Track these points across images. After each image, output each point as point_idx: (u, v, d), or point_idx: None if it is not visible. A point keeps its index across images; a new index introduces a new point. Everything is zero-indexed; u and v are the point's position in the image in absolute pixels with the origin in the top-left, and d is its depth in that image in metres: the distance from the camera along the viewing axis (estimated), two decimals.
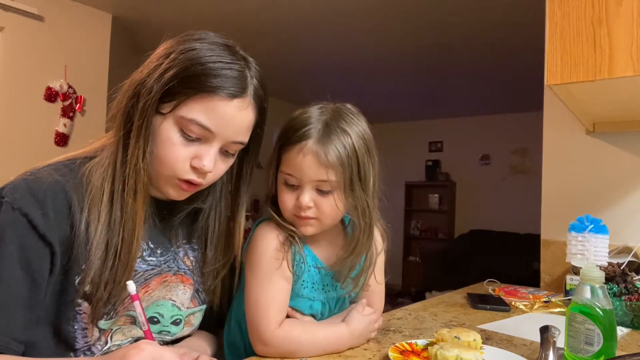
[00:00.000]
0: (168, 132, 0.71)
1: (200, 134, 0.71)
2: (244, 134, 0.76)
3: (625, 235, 1.47)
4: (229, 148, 0.76)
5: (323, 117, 0.81)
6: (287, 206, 0.83)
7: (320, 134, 0.79)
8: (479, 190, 6.12)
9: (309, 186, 0.81)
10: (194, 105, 0.70)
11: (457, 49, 3.77)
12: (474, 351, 0.76)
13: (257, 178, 0.93)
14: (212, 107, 0.70)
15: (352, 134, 0.81)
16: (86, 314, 0.70)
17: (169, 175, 0.73)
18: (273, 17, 3.26)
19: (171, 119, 0.71)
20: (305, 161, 0.79)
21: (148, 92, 0.70)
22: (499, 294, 1.43)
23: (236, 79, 0.72)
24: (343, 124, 0.81)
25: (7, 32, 2.80)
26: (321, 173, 0.79)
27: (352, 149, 0.80)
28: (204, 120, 0.70)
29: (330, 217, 0.83)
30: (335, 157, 0.78)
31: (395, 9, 3.06)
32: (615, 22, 0.90)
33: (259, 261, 0.84)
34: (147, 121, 0.71)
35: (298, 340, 0.81)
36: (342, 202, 0.82)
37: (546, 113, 1.70)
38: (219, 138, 0.73)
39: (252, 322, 0.82)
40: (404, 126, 6.81)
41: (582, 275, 0.77)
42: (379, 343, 0.92)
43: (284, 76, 4.76)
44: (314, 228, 0.84)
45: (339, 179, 0.79)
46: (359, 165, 0.81)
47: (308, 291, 0.88)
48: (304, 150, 0.79)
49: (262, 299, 0.82)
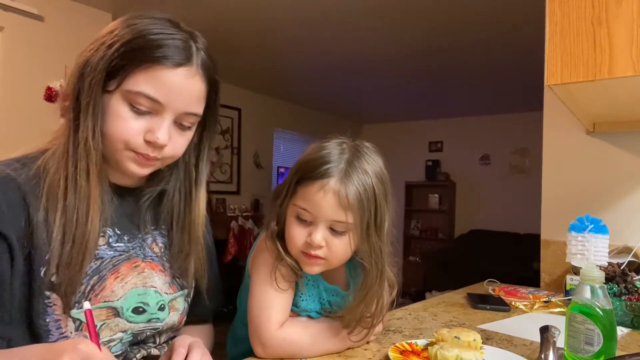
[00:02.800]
0: (117, 108, 0.71)
1: (149, 106, 0.71)
2: (195, 104, 0.75)
3: (625, 235, 1.47)
4: (183, 120, 0.75)
5: (345, 155, 0.79)
6: (297, 242, 0.80)
7: (342, 173, 0.77)
8: (479, 190, 6.12)
9: (323, 225, 0.78)
10: (139, 77, 0.70)
11: (457, 49, 3.77)
12: (474, 351, 0.76)
13: (257, 178, 0.93)
14: (158, 77, 0.70)
15: (372, 175, 0.79)
16: (57, 305, 0.70)
17: (123, 149, 0.72)
18: (273, 17, 3.26)
19: (119, 95, 0.71)
20: (325, 199, 0.76)
21: (93, 70, 0.70)
22: (499, 294, 1.43)
23: (180, 48, 0.71)
24: (364, 164, 0.79)
25: (7, 32, 2.80)
26: (340, 214, 0.77)
27: (372, 191, 0.78)
28: (150, 91, 0.70)
29: (339, 258, 0.82)
30: (356, 198, 0.76)
31: (396, 9, 3.06)
32: (615, 22, 0.89)
33: (263, 266, 0.84)
34: (95, 99, 0.70)
35: (298, 342, 0.81)
36: (354, 244, 0.80)
37: (546, 113, 1.70)
38: (170, 109, 0.72)
39: (253, 323, 0.81)
40: (404, 126, 6.81)
41: (582, 275, 0.77)
42: (379, 343, 0.92)
43: (284, 76, 4.77)
44: (320, 268, 0.82)
45: (355, 221, 0.77)
46: (376, 208, 0.79)
47: (305, 304, 0.88)
48: (325, 188, 0.76)
49: (264, 301, 0.82)
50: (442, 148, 6.51)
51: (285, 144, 5.96)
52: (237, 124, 5.18)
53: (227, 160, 5.03)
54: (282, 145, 5.91)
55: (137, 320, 0.77)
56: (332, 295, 0.91)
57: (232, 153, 5.09)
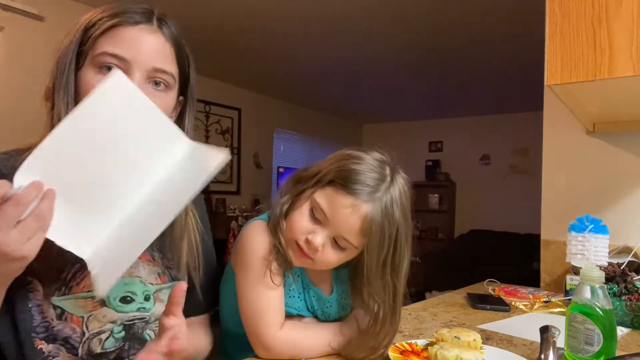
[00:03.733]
0: (87, 77, 0.73)
1: (115, 63, 0.72)
2: (161, 59, 0.75)
3: (625, 235, 1.47)
4: (154, 77, 0.75)
5: (384, 184, 0.77)
6: (297, 231, 0.79)
7: (376, 203, 0.75)
8: (479, 190, 6.12)
9: (330, 233, 0.77)
10: (101, 42, 0.73)
11: (457, 49, 3.77)
12: (474, 351, 0.76)
13: (257, 178, 0.93)
14: (118, 36, 0.73)
15: (400, 212, 0.77)
16: (38, 290, 0.71)
17: None
18: (273, 17, 3.26)
19: (87, 65, 0.73)
20: (349, 217, 0.75)
21: (65, 54, 0.74)
22: (499, 294, 1.43)
23: (139, 13, 0.75)
24: (397, 198, 0.77)
25: (7, 32, 2.80)
26: (352, 234, 0.76)
27: (395, 230, 0.77)
28: (112, 48, 0.72)
29: (325, 265, 0.81)
30: (379, 232, 0.75)
31: (396, 9, 3.06)
32: (615, 22, 0.89)
33: (250, 262, 0.81)
34: (67, 77, 0.73)
35: (300, 343, 0.81)
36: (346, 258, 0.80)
37: (546, 113, 1.70)
38: (136, 64, 0.73)
39: (252, 326, 0.80)
40: (404, 126, 6.81)
41: (582, 275, 0.77)
42: None
43: (284, 76, 4.76)
44: (305, 265, 0.82)
45: (362, 249, 0.77)
46: (395, 248, 0.77)
47: (294, 301, 0.87)
48: (354, 208, 0.75)
49: (259, 303, 0.80)
50: (442, 148, 6.52)
51: (285, 144, 5.96)
52: (237, 124, 5.18)
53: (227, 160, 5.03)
54: (282, 145, 5.91)
55: (125, 309, 0.77)
56: (314, 297, 0.89)
57: (232, 153, 5.08)
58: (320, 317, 0.91)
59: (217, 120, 4.90)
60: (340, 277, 0.90)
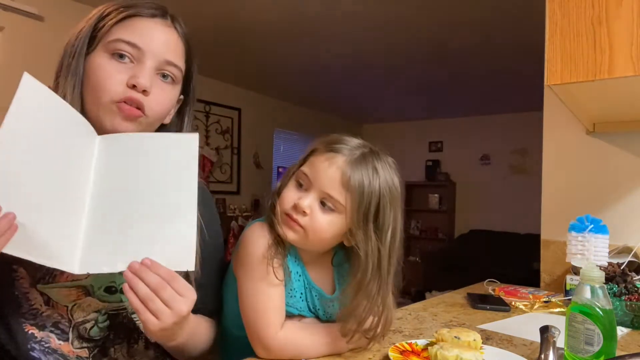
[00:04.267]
0: (98, 60, 0.73)
1: (128, 51, 0.73)
2: (173, 53, 0.77)
3: (625, 235, 1.47)
4: (164, 69, 0.76)
5: (363, 149, 0.81)
6: (286, 201, 0.81)
7: (353, 158, 0.78)
8: (479, 190, 6.12)
9: (315, 194, 0.79)
10: (116, 29, 0.74)
11: (457, 49, 3.77)
12: (474, 351, 0.76)
13: (257, 178, 0.93)
14: (134, 25, 0.75)
15: (381, 177, 0.79)
16: (24, 278, 0.71)
17: (106, 101, 0.72)
18: (274, 17, 3.26)
19: (99, 49, 0.74)
20: (328, 170, 0.78)
21: (76, 40, 0.75)
22: (499, 294, 1.43)
23: (154, 8, 0.78)
24: (377, 165, 0.79)
25: (7, 32, 2.80)
26: (335, 190, 0.77)
27: (377, 190, 0.78)
28: (127, 36, 0.73)
29: (317, 234, 0.79)
30: (357, 184, 0.77)
31: (396, 9, 3.06)
32: (615, 22, 0.89)
33: (250, 262, 0.81)
34: (77, 60, 0.74)
35: (301, 344, 0.81)
36: (337, 227, 0.79)
37: (546, 113, 1.70)
38: (149, 54, 0.74)
39: (252, 326, 0.80)
40: (404, 126, 6.81)
41: (582, 275, 0.77)
42: (379, 343, 0.92)
43: (284, 76, 4.76)
44: (297, 237, 0.80)
45: (348, 206, 0.77)
46: (378, 207, 0.78)
47: (295, 300, 0.87)
48: (332, 161, 0.78)
49: (260, 303, 0.80)
50: (442, 148, 6.51)
51: (285, 144, 5.96)
52: (237, 124, 5.17)
53: (227, 160, 5.03)
54: (282, 145, 5.91)
55: (110, 299, 0.77)
56: (316, 296, 0.89)
57: (232, 153, 5.09)
58: (322, 317, 0.91)
59: (217, 120, 4.90)
60: (341, 274, 0.90)
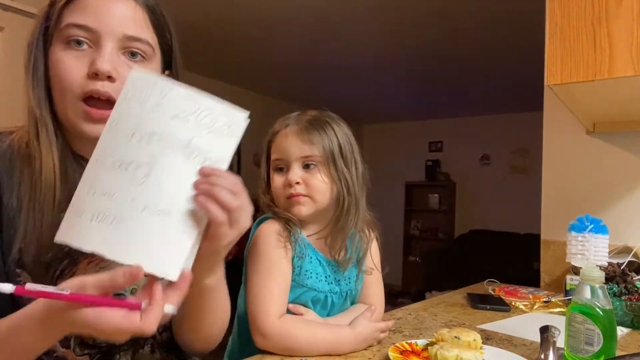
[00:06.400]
0: (56, 54, 0.69)
1: (82, 35, 0.67)
2: (134, 26, 0.69)
3: (625, 235, 1.47)
4: (130, 46, 0.69)
5: (304, 116, 0.93)
6: (278, 188, 0.90)
7: (302, 123, 0.90)
8: (479, 190, 6.12)
9: (296, 164, 0.89)
10: (66, 14, 0.68)
11: (457, 49, 3.77)
12: (474, 351, 0.76)
13: (257, 178, 0.95)
14: (82, 5, 0.67)
15: (332, 125, 0.92)
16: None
17: (71, 97, 0.68)
18: (274, 17, 3.26)
19: (55, 42, 0.69)
20: (289, 141, 0.89)
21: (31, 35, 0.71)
22: (499, 294, 1.43)
23: None
24: (323, 119, 0.92)
25: (7, 32, 2.80)
26: (304, 149, 0.88)
27: (333, 133, 0.90)
28: (78, 19, 0.67)
29: (319, 191, 0.88)
30: (316, 134, 0.88)
31: (396, 10, 3.06)
32: (615, 22, 0.90)
33: (259, 258, 0.87)
34: (36, 57, 0.70)
35: (297, 337, 0.82)
36: (327, 175, 0.89)
37: (546, 113, 1.70)
38: (106, 34, 0.67)
39: (252, 314, 0.83)
40: (404, 126, 6.80)
41: (582, 275, 0.77)
42: (379, 343, 0.92)
43: (284, 76, 4.76)
44: (307, 207, 0.88)
45: (321, 153, 0.88)
46: (340, 145, 0.90)
47: (312, 282, 0.90)
48: (287, 132, 0.90)
49: (262, 292, 0.83)
50: (442, 148, 6.51)
51: None
52: None
53: None
54: None
55: None
56: (332, 269, 0.93)
57: None
58: (346, 290, 0.96)
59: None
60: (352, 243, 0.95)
